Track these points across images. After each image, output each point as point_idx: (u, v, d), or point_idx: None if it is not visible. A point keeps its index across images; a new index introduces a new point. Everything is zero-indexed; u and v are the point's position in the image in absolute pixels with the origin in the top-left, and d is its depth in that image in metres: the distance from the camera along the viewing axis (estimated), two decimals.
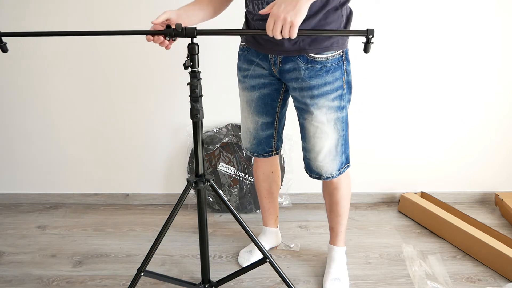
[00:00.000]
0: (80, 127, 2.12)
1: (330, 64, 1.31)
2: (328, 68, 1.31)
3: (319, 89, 1.33)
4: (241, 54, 1.47)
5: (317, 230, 2.02)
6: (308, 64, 1.31)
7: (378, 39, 1.91)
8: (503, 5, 1.89)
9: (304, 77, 1.32)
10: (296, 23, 1.05)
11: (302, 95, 1.35)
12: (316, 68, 1.31)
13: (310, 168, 1.48)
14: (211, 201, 2.14)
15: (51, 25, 1.91)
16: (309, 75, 1.32)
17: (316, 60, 1.30)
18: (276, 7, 1.07)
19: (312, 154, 1.43)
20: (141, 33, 1.18)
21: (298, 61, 1.31)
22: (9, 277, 1.70)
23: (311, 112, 1.36)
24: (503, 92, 2.05)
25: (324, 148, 1.41)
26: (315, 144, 1.41)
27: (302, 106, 1.38)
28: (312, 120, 1.37)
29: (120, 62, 1.99)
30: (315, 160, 1.44)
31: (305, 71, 1.31)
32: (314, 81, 1.32)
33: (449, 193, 2.24)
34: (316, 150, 1.42)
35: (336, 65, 1.32)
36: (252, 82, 1.45)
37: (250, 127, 1.55)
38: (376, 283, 1.66)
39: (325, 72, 1.31)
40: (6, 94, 2.05)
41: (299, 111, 1.41)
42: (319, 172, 1.46)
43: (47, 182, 2.23)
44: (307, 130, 1.41)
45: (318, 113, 1.35)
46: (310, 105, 1.35)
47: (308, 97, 1.34)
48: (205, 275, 1.48)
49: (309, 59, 1.30)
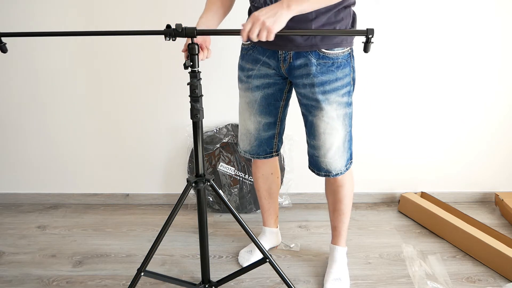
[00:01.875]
0: (80, 127, 2.12)
1: (341, 60, 1.34)
2: (339, 64, 1.34)
3: (331, 84, 1.34)
4: (245, 54, 1.46)
5: (317, 230, 2.02)
6: (320, 59, 1.32)
7: (379, 39, 1.92)
8: (503, 5, 1.89)
9: (315, 72, 1.33)
10: (273, 30, 1.10)
11: (313, 91, 1.35)
12: (328, 64, 1.33)
13: (319, 166, 1.47)
14: (211, 201, 2.14)
15: (49, 25, 1.91)
16: (320, 70, 1.33)
17: (328, 56, 1.32)
18: (258, 11, 1.12)
19: (321, 151, 1.43)
20: (138, 33, 1.18)
21: (310, 57, 1.32)
22: (9, 277, 1.70)
23: (321, 108, 1.36)
24: (503, 92, 2.05)
25: (334, 145, 1.41)
26: (325, 140, 1.41)
27: (312, 103, 1.38)
28: (323, 116, 1.37)
29: (120, 62, 1.99)
30: (325, 157, 1.44)
31: (317, 66, 1.33)
32: (325, 77, 1.33)
33: (449, 193, 2.24)
34: (327, 147, 1.42)
35: (346, 61, 1.35)
36: (257, 82, 1.44)
37: (250, 128, 1.54)
38: (376, 283, 1.66)
39: (336, 68, 1.33)
40: (6, 94, 2.05)
41: (308, 108, 1.41)
42: (328, 169, 1.46)
43: (47, 182, 2.23)
44: (317, 127, 1.40)
45: (329, 108, 1.36)
46: (322, 100, 1.35)
47: (320, 92, 1.35)
48: (205, 275, 1.48)
49: (321, 55, 1.32)
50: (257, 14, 1.11)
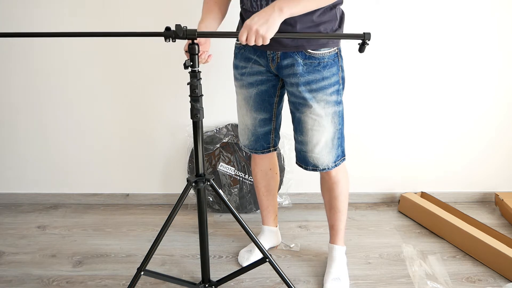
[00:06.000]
0: (79, 127, 2.12)
1: (327, 60, 1.36)
2: (325, 64, 1.36)
3: (317, 83, 1.36)
4: (238, 52, 1.50)
5: (317, 230, 2.02)
6: (306, 60, 1.35)
7: (379, 38, 1.92)
8: (499, 3, 1.89)
9: (302, 72, 1.36)
10: (267, 37, 1.13)
11: (300, 90, 1.38)
12: (314, 64, 1.35)
13: (306, 161, 1.49)
14: (211, 201, 2.14)
15: (47, 26, 1.91)
16: (307, 70, 1.35)
17: (314, 56, 1.34)
18: (250, 19, 1.14)
19: (308, 147, 1.45)
20: (138, 35, 1.18)
21: (297, 57, 1.35)
22: (9, 277, 1.70)
23: (309, 106, 1.39)
24: (503, 92, 2.05)
25: (321, 141, 1.43)
26: (312, 136, 1.43)
27: (300, 101, 1.40)
28: (311, 113, 1.40)
29: (119, 62, 1.99)
30: (312, 152, 1.46)
31: (303, 66, 1.35)
32: (312, 76, 1.36)
33: (449, 193, 2.24)
34: (313, 143, 1.44)
35: (332, 61, 1.37)
36: (250, 79, 1.47)
37: (248, 124, 1.57)
38: (376, 283, 1.66)
39: (323, 68, 1.36)
40: (5, 94, 2.05)
41: (296, 106, 1.43)
42: (315, 164, 1.48)
43: (47, 182, 2.23)
44: (304, 123, 1.43)
45: (317, 106, 1.38)
46: (309, 99, 1.38)
47: (307, 91, 1.37)
48: (205, 274, 1.48)
49: (307, 55, 1.34)
50: (249, 23, 1.14)
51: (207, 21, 1.35)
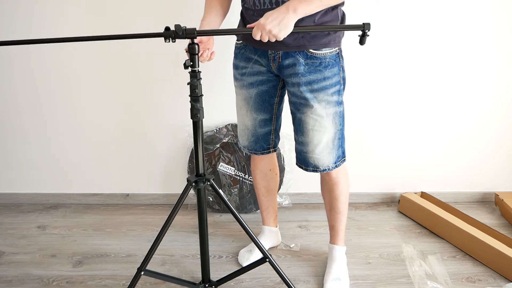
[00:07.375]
0: (80, 127, 2.12)
1: (329, 60, 1.35)
2: (327, 64, 1.35)
3: (319, 83, 1.36)
4: (238, 52, 1.49)
5: (317, 230, 2.02)
6: (307, 59, 1.34)
7: (379, 38, 1.92)
8: (500, 3, 1.89)
9: (303, 72, 1.35)
10: (279, 37, 1.15)
11: (302, 90, 1.37)
12: (316, 64, 1.35)
13: (307, 162, 1.48)
14: (211, 201, 2.14)
15: (48, 29, 1.91)
16: (308, 70, 1.35)
17: (315, 56, 1.34)
18: (264, 18, 1.15)
19: (309, 147, 1.45)
20: (137, 37, 1.17)
21: (298, 57, 1.34)
22: (9, 277, 1.70)
23: (310, 106, 1.38)
24: (503, 92, 2.05)
25: (322, 142, 1.43)
26: (313, 137, 1.42)
27: (301, 101, 1.40)
28: (312, 113, 1.39)
29: (119, 62, 1.99)
30: (312, 153, 1.45)
31: (305, 66, 1.35)
32: (313, 76, 1.35)
33: (449, 193, 2.24)
34: (314, 143, 1.43)
35: (334, 61, 1.37)
36: (250, 79, 1.46)
37: (248, 125, 1.56)
38: (376, 283, 1.66)
39: (324, 68, 1.35)
40: (6, 94, 2.05)
41: (297, 106, 1.42)
42: (316, 165, 1.47)
43: (47, 182, 2.23)
44: (305, 123, 1.42)
45: (318, 106, 1.38)
46: (310, 99, 1.37)
47: (308, 91, 1.37)
48: (205, 274, 1.48)
49: (308, 55, 1.34)
50: (263, 22, 1.14)
51: (210, 18, 1.35)
